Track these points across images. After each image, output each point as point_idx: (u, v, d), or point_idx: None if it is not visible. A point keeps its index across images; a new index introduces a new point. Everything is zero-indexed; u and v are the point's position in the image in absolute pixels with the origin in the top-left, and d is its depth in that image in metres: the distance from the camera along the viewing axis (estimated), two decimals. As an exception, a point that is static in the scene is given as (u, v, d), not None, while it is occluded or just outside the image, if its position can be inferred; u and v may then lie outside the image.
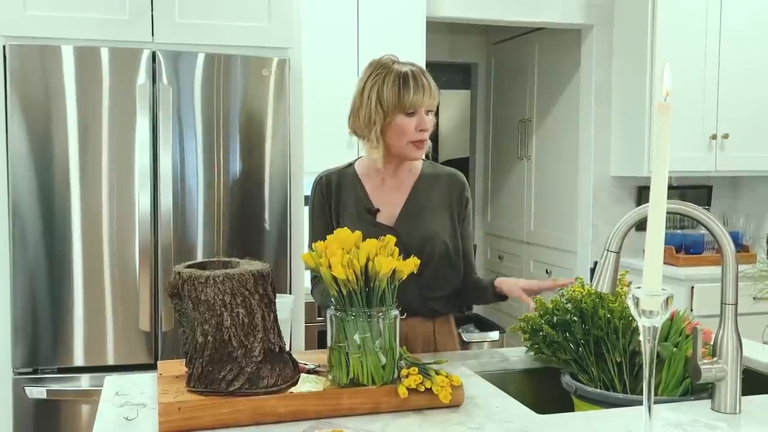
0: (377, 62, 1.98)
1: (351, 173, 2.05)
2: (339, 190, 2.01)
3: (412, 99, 1.89)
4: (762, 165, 4.09)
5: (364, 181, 2.03)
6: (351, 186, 2.02)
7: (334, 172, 2.07)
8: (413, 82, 1.90)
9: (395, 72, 1.92)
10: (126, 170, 2.63)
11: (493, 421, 1.40)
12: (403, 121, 1.91)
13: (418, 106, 1.91)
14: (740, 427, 1.38)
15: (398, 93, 1.89)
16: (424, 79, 1.93)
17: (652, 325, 0.91)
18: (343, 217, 1.99)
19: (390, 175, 2.03)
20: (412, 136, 1.92)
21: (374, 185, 2.02)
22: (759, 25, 4.00)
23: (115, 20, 2.64)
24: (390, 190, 2.03)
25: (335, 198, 2.01)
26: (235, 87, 2.72)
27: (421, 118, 1.92)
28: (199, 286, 1.40)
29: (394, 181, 2.03)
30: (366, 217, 1.98)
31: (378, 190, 2.02)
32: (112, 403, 1.50)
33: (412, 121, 1.91)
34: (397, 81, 1.91)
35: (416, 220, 2.00)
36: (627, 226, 1.47)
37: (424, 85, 1.91)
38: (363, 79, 1.98)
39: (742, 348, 1.46)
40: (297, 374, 1.49)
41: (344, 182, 2.03)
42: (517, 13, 4.06)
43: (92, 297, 2.62)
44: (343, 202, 2.00)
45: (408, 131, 1.91)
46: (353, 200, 2.00)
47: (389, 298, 1.49)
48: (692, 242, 3.86)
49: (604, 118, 4.23)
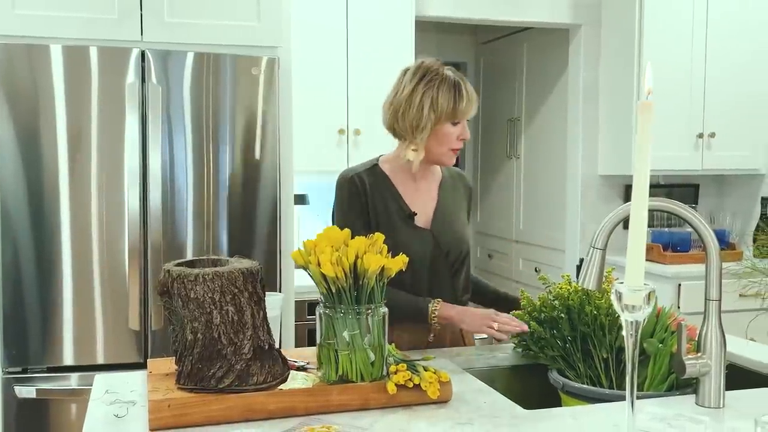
0: (427, 66, 1.96)
1: (380, 174, 2.00)
2: (373, 191, 1.97)
3: (464, 108, 1.92)
4: (748, 163, 4.13)
5: (395, 182, 2.01)
6: (384, 188, 1.99)
7: (363, 171, 2.00)
8: (465, 91, 1.92)
9: (449, 80, 1.92)
10: (115, 169, 2.63)
11: (481, 416, 1.42)
12: (449, 129, 1.93)
13: (465, 116, 1.94)
14: (723, 422, 1.40)
15: (453, 102, 1.91)
16: (470, 87, 1.95)
17: (635, 319, 0.93)
18: (378, 219, 1.95)
19: (420, 178, 2.03)
20: (454, 144, 1.95)
21: (406, 188, 2.01)
22: (745, 25, 4.03)
23: (103, 19, 2.65)
24: (421, 192, 2.03)
25: (371, 199, 1.96)
26: (224, 86, 2.73)
27: (464, 127, 1.96)
28: (188, 284, 1.41)
29: (424, 183, 2.05)
30: (406, 221, 1.97)
31: (411, 192, 2.01)
32: (101, 401, 1.50)
33: (456, 130, 1.94)
34: (452, 89, 1.91)
35: (447, 222, 2.03)
36: (612, 223, 1.49)
37: (472, 95, 1.94)
38: (411, 81, 1.95)
39: (725, 344, 1.48)
40: (286, 371, 1.50)
41: (376, 183, 1.98)
42: (505, 13, 4.08)
43: (81, 296, 2.62)
44: (377, 204, 1.96)
45: (451, 139, 1.94)
46: (390, 203, 1.97)
47: (378, 295, 1.50)
48: (680, 240, 3.88)
49: (591, 117, 4.26)
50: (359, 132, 3.61)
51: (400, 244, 1.79)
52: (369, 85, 3.60)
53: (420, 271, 1.96)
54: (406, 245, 1.81)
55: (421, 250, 1.96)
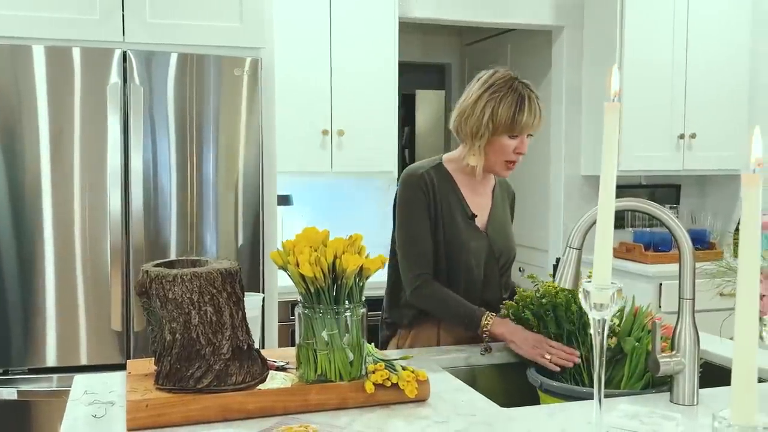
0: (498, 77, 1.98)
1: (445, 173, 2.04)
2: (440, 189, 2.01)
3: (524, 123, 1.93)
4: (728, 164, 4.17)
5: (458, 182, 2.05)
6: (449, 186, 2.03)
7: (430, 168, 2.03)
8: (528, 107, 1.93)
9: (515, 93, 1.94)
10: (98, 170, 2.63)
11: (458, 415, 1.43)
12: (506, 141, 1.96)
13: (524, 131, 1.96)
14: (696, 418, 1.42)
15: (513, 115, 1.93)
16: (537, 104, 1.96)
17: (602, 317, 0.95)
18: (443, 217, 1.99)
19: (478, 182, 2.08)
20: (509, 156, 1.98)
21: (466, 189, 2.06)
22: (725, 27, 4.07)
23: (85, 20, 2.64)
24: (479, 196, 2.09)
25: (437, 196, 2.00)
26: (207, 87, 2.73)
27: (522, 141, 1.97)
28: (167, 284, 1.42)
29: (482, 187, 2.10)
30: (467, 222, 2.03)
31: (471, 194, 2.07)
32: (80, 401, 1.51)
33: (514, 143, 1.96)
34: (515, 104, 1.93)
35: (499, 226, 2.10)
36: (588, 223, 1.51)
37: (536, 112, 1.95)
38: (480, 87, 1.98)
39: (699, 342, 1.50)
40: (265, 371, 1.51)
41: (442, 181, 2.02)
42: (488, 15, 4.10)
43: (64, 297, 2.62)
44: (442, 201, 2.01)
45: (507, 152, 1.97)
46: (453, 202, 2.02)
47: (357, 294, 1.51)
48: (661, 240, 3.92)
49: (574, 118, 4.29)
50: (343, 133, 3.62)
51: (462, 243, 1.94)
52: (352, 85, 3.61)
53: (475, 269, 2.02)
54: (466, 244, 1.93)
55: (478, 251, 2.02)
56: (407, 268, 1.98)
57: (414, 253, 1.97)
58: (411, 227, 1.98)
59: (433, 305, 1.98)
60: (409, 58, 4.55)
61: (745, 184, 0.73)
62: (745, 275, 0.74)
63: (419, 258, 1.97)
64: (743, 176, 0.73)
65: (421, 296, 1.97)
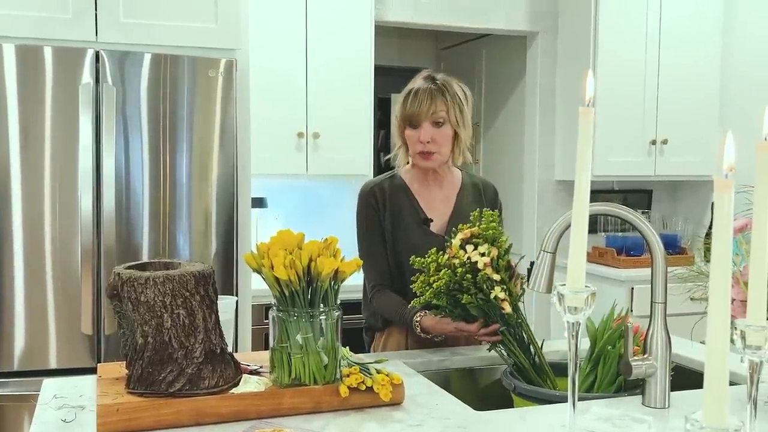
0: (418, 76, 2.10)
1: (399, 183, 2.12)
2: (391, 198, 2.09)
3: (408, 112, 2.02)
4: (700, 170, 4.23)
5: (413, 189, 2.12)
6: (402, 194, 2.10)
7: (381, 181, 2.13)
8: (413, 97, 2.02)
9: (414, 87, 2.05)
10: (69, 171, 2.59)
11: (432, 418, 1.43)
12: (410, 132, 2.05)
13: (418, 120, 2.02)
14: (667, 421, 1.44)
15: (402, 107, 2.04)
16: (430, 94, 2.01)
17: (576, 320, 0.95)
18: (394, 223, 2.07)
19: (437, 186, 2.13)
20: (417, 147, 2.04)
21: (423, 195, 2.12)
22: (697, 35, 4.13)
23: (57, 19, 2.60)
24: (438, 200, 2.13)
25: (388, 206, 2.08)
26: (182, 88, 2.71)
27: (423, 130, 2.02)
28: (138, 287, 1.40)
29: (442, 191, 2.14)
30: (421, 227, 2.08)
31: (427, 200, 2.12)
32: (49, 405, 1.48)
33: (416, 134, 2.03)
34: (405, 96, 2.05)
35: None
36: (562, 227, 1.51)
37: (422, 100, 2.01)
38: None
39: (671, 345, 1.52)
40: (239, 375, 1.50)
41: (394, 190, 2.10)
42: (464, 19, 4.12)
43: (33, 299, 2.57)
44: (393, 209, 2.08)
45: (413, 142, 2.05)
46: (406, 209, 2.08)
47: (332, 298, 1.51)
48: (633, 244, 3.96)
49: (548, 123, 4.32)
50: (318, 135, 3.61)
51: (413, 247, 1.97)
52: (328, 88, 3.60)
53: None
54: (417, 248, 1.94)
55: None
56: (366, 279, 2.12)
57: (369, 266, 2.08)
58: (365, 242, 2.11)
59: (382, 312, 2.09)
60: (384, 61, 4.55)
61: (717, 189, 0.74)
62: (718, 279, 0.74)
63: (373, 270, 2.09)
64: (716, 181, 0.74)
65: (374, 305, 2.10)
